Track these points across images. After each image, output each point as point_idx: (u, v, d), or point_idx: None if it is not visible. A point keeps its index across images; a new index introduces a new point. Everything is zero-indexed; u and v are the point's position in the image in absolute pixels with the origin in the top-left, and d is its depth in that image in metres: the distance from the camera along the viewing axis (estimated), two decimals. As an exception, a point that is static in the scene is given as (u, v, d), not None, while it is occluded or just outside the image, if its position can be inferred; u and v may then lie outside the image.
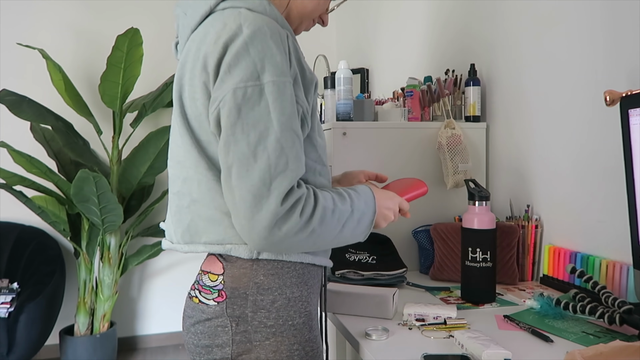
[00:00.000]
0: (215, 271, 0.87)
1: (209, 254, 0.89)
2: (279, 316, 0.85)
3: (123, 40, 2.51)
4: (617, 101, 0.98)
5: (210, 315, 0.86)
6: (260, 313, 0.84)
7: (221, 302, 0.85)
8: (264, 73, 0.78)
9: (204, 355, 0.87)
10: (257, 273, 0.85)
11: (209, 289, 0.87)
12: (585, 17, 1.32)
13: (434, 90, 1.76)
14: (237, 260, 0.85)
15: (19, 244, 2.83)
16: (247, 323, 0.84)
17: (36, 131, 2.75)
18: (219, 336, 0.85)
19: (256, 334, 0.84)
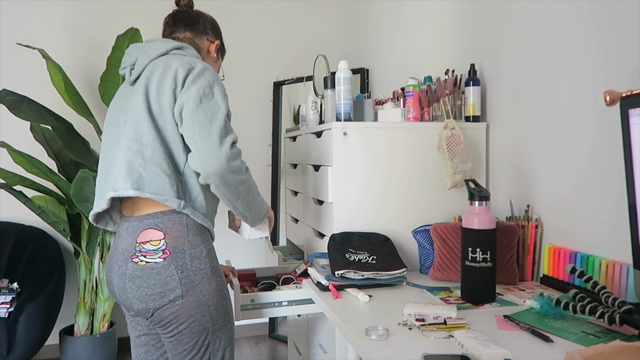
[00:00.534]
0: (155, 238, 1.22)
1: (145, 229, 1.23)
2: (207, 262, 1.25)
3: (123, 40, 2.52)
4: (617, 101, 0.98)
5: (159, 269, 1.20)
6: (196, 261, 1.23)
7: (167, 257, 1.21)
8: (214, 86, 1.26)
9: (159, 300, 1.20)
10: (189, 234, 1.24)
11: (153, 252, 1.21)
12: (585, 17, 1.32)
13: (434, 90, 1.76)
14: (172, 226, 1.22)
15: (19, 244, 2.83)
16: (188, 269, 1.22)
17: (36, 131, 2.75)
18: (169, 283, 1.20)
19: (196, 276, 1.22)
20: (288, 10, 3.38)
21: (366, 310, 1.20)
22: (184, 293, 1.20)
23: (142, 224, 1.23)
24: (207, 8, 3.25)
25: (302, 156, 2.03)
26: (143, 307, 1.22)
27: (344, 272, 1.36)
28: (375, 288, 1.38)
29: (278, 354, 3.09)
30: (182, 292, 1.20)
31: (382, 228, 1.63)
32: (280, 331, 3.32)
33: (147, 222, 1.23)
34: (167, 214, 1.23)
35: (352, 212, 1.62)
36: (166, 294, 1.20)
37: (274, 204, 3.29)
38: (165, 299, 1.20)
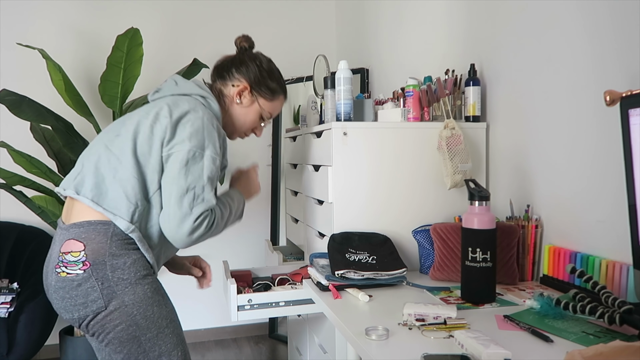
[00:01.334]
0: (76, 249, 1.22)
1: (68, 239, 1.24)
2: (130, 271, 1.23)
3: (123, 40, 2.51)
4: (617, 101, 0.98)
5: (80, 281, 1.21)
6: (117, 272, 1.22)
7: (87, 269, 1.21)
8: (207, 148, 1.29)
9: (82, 310, 1.21)
10: (111, 246, 1.23)
11: (73, 263, 1.22)
12: (585, 17, 1.32)
13: (434, 90, 1.76)
14: (95, 238, 1.23)
15: (19, 244, 2.83)
16: (109, 280, 1.21)
17: (36, 131, 2.75)
18: (90, 294, 1.21)
19: (117, 286, 1.22)
20: (288, 10, 3.38)
21: (366, 310, 1.20)
22: (107, 304, 1.21)
23: (68, 233, 1.25)
24: (207, 9, 3.22)
25: (302, 156, 2.03)
26: (69, 316, 1.24)
27: (344, 272, 1.36)
28: (375, 288, 1.38)
29: (278, 354, 3.09)
30: (104, 303, 1.21)
31: (382, 228, 1.63)
32: (280, 331, 3.32)
33: (72, 232, 1.24)
34: (93, 224, 1.24)
35: (352, 212, 1.62)
36: (89, 304, 1.21)
37: (274, 204, 3.29)
38: (89, 309, 1.21)
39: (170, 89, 1.41)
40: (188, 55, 3.01)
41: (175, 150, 1.26)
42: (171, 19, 3.19)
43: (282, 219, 3.16)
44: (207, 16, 3.23)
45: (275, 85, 1.53)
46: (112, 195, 1.25)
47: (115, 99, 2.67)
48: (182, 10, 3.20)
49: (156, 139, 1.27)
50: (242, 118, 1.51)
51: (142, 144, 1.27)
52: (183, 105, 1.31)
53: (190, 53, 3.05)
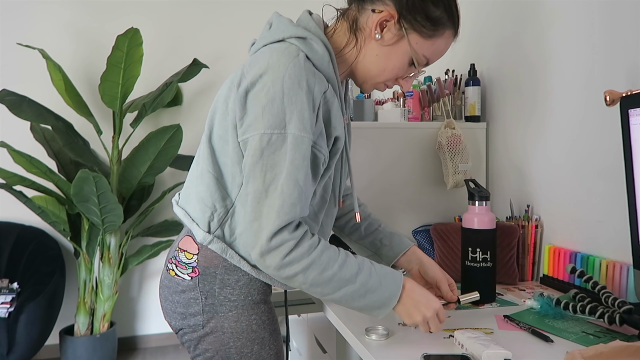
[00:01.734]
0: (191, 250, 1.02)
1: (187, 234, 1.04)
2: (241, 293, 1.02)
3: (123, 40, 2.51)
4: (617, 101, 0.98)
5: (184, 288, 1.02)
6: (226, 290, 1.01)
7: (194, 278, 1.01)
8: (290, 124, 0.89)
9: (179, 321, 1.04)
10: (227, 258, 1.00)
11: (184, 265, 1.02)
12: (585, 17, 1.32)
13: (434, 90, 1.76)
14: None
15: (19, 244, 2.83)
16: (214, 297, 1.01)
17: (36, 131, 2.75)
18: (192, 306, 1.02)
19: (221, 307, 1.01)
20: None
21: (366, 310, 1.20)
22: (205, 323, 1.01)
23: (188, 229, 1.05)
24: (207, 9, 3.22)
25: (302, 156, 2.02)
26: (168, 321, 1.08)
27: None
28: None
29: (278, 354, 3.09)
30: (202, 321, 1.01)
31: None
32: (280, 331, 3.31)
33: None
34: None
35: (352, 212, 1.62)
36: (187, 317, 1.03)
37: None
38: (186, 322, 1.03)
39: (264, 36, 1.01)
40: (188, 55, 3.01)
41: (249, 135, 0.91)
42: (171, 19, 3.19)
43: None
44: (207, 16, 3.23)
45: (441, 14, 0.99)
46: (193, 197, 1.02)
47: (115, 99, 2.67)
48: (182, 10, 3.20)
49: (230, 118, 0.94)
50: (382, 62, 1.00)
51: (219, 125, 0.97)
52: (259, 64, 0.92)
53: (190, 53, 3.05)
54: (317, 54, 0.95)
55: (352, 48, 1.02)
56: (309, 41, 0.96)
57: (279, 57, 0.91)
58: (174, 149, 2.70)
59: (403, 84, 1.06)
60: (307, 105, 0.90)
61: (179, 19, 3.20)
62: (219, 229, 0.99)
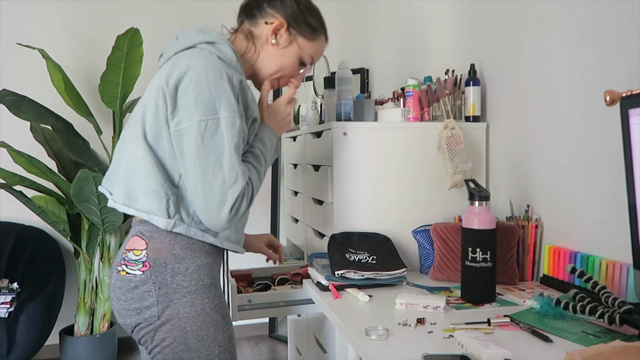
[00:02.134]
0: (138, 247, 1.10)
1: (133, 235, 1.13)
2: (192, 279, 1.10)
3: (123, 40, 2.51)
4: (617, 101, 0.98)
5: (137, 283, 1.09)
6: (178, 277, 1.09)
7: (146, 271, 1.08)
8: (220, 109, 1.05)
9: (135, 316, 1.09)
10: (174, 246, 1.10)
11: (134, 262, 1.10)
12: (585, 17, 1.32)
13: (434, 90, 1.76)
14: (158, 237, 1.10)
15: (19, 244, 2.83)
16: (167, 286, 1.08)
17: (36, 131, 2.75)
18: (146, 299, 1.08)
19: (175, 294, 1.08)
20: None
21: (366, 310, 1.20)
22: (160, 313, 1.08)
23: (135, 230, 1.14)
24: (207, 8, 3.23)
25: (302, 156, 2.03)
26: (122, 321, 1.13)
27: (344, 272, 1.36)
28: (376, 288, 1.38)
29: (278, 354, 3.09)
30: (158, 312, 1.08)
31: (382, 228, 1.63)
32: (280, 331, 3.32)
33: (137, 229, 1.13)
34: None
35: (352, 212, 1.62)
36: (143, 310, 1.08)
37: (274, 204, 3.29)
38: (142, 316, 1.09)
39: (172, 47, 1.16)
40: (188, 55, 3.00)
41: (184, 126, 1.05)
42: (171, 19, 3.19)
43: (282, 219, 3.16)
44: (207, 16, 3.23)
45: (316, 23, 1.28)
46: (141, 192, 1.10)
47: (115, 99, 2.67)
48: (182, 10, 3.21)
49: (161, 116, 1.08)
50: (279, 61, 1.25)
51: (151, 125, 1.09)
52: (181, 64, 1.07)
53: (190, 53, 3.04)
54: (226, 55, 1.14)
55: (252, 53, 1.24)
56: (217, 45, 1.14)
57: (198, 57, 1.08)
58: (173, 149, 2.70)
59: (294, 81, 1.31)
60: (231, 91, 1.06)
61: (179, 19, 3.20)
62: (177, 213, 1.10)
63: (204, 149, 1.04)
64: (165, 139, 1.08)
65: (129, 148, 1.12)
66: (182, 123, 1.05)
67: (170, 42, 1.19)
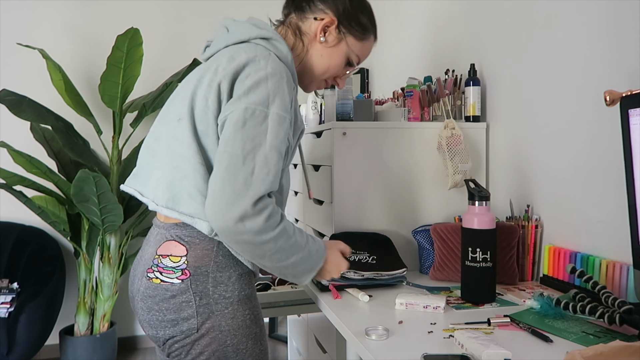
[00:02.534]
0: (177, 253, 1.02)
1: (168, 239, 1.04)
2: (234, 289, 1.03)
3: (123, 40, 2.51)
4: (617, 101, 0.98)
5: (174, 292, 1.00)
6: (220, 287, 1.02)
7: (185, 280, 1.00)
8: (273, 104, 0.98)
9: (170, 328, 1.01)
10: (217, 254, 1.03)
11: (171, 269, 1.01)
12: (585, 17, 1.32)
13: (434, 90, 1.76)
14: (199, 242, 1.02)
15: (19, 244, 2.83)
16: (208, 296, 1.01)
17: (36, 131, 2.75)
18: (184, 310, 1.00)
19: (217, 305, 1.01)
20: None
21: (366, 310, 1.20)
22: (200, 325, 1.00)
23: (168, 233, 1.04)
24: (207, 9, 3.22)
25: (302, 156, 2.03)
26: (153, 333, 1.04)
27: (345, 273, 1.36)
28: (375, 288, 1.38)
29: (278, 354, 3.09)
30: (197, 324, 1.00)
31: (382, 228, 1.63)
32: (280, 331, 3.32)
33: (173, 232, 1.04)
34: None
35: (352, 212, 1.62)
36: (179, 322, 1.01)
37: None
38: (178, 329, 1.01)
39: (222, 39, 1.10)
40: (188, 55, 3.01)
41: (229, 111, 0.98)
42: (171, 19, 3.19)
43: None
44: (207, 16, 3.23)
45: (367, 21, 1.21)
46: (186, 194, 1.01)
47: (115, 99, 2.68)
48: (182, 10, 3.21)
49: (210, 112, 1.01)
50: (326, 60, 1.17)
51: (200, 120, 1.02)
52: (239, 58, 1.01)
53: (190, 53, 3.05)
54: (282, 53, 1.07)
55: (300, 50, 1.16)
56: (273, 41, 1.08)
57: (256, 53, 1.01)
58: (174, 149, 2.70)
59: (339, 81, 1.24)
60: (288, 92, 1.01)
61: (179, 19, 3.20)
62: None
63: (241, 135, 0.95)
64: (211, 137, 1.01)
65: (169, 146, 1.04)
66: (228, 109, 0.98)
67: (219, 33, 1.12)
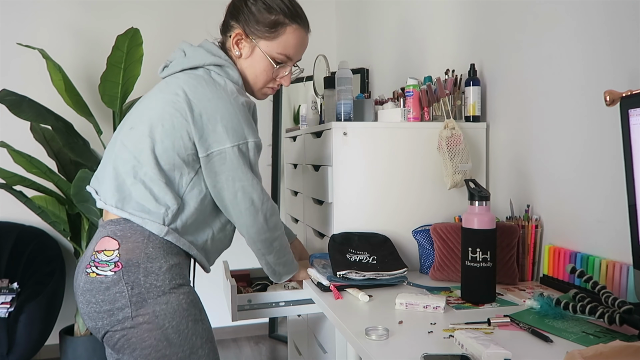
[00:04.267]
0: (110, 247, 1.09)
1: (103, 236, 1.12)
2: (165, 278, 1.10)
3: (123, 40, 2.51)
4: (617, 101, 0.98)
5: (108, 284, 1.07)
6: (151, 277, 1.08)
7: (118, 271, 1.07)
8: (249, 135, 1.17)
9: (107, 319, 1.07)
10: (147, 246, 1.10)
11: (105, 263, 1.08)
12: (585, 17, 1.32)
13: (434, 90, 1.76)
14: (131, 236, 1.10)
15: (19, 244, 2.83)
16: (140, 286, 1.07)
17: (36, 131, 2.75)
18: (118, 300, 1.06)
19: (149, 293, 1.07)
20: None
21: (366, 310, 1.20)
22: (134, 313, 1.06)
23: (104, 230, 1.13)
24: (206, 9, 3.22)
25: (302, 156, 2.03)
26: (93, 325, 1.10)
27: (346, 273, 1.36)
28: (376, 288, 1.38)
29: (278, 354, 3.09)
30: (131, 312, 1.06)
31: (382, 228, 1.63)
32: (280, 331, 3.32)
33: (108, 229, 1.13)
34: (130, 222, 1.12)
35: (352, 212, 1.62)
36: (115, 312, 1.07)
37: (274, 204, 3.29)
38: (114, 318, 1.07)
39: (179, 62, 1.20)
40: (188, 55, 3.00)
41: (216, 149, 1.15)
42: (171, 19, 3.19)
43: (282, 219, 3.15)
44: (207, 16, 3.23)
45: (277, 16, 1.22)
46: (136, 197, 1.12)
47: (115, 99, 2.67)
48: (182, 10, 3.21)
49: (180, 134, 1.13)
50: (251, 71, 1.26)
51: (163, 139, 1.13)
52: (202, 91, 1.13)
53: (190, 53, 3.04)
54: (233, 78, 1.21)
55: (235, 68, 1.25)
56: (225, 68, 1.20)
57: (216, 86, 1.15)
58: (174, 149, 2.70)
59: (282, 81, 1.31)
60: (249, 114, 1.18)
61: (179, 19, 3.20)
62: (173, 222, 1.13)
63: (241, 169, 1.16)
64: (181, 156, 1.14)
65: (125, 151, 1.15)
66: (213, 147, 1.14)
67: (177, 55, 1.22)
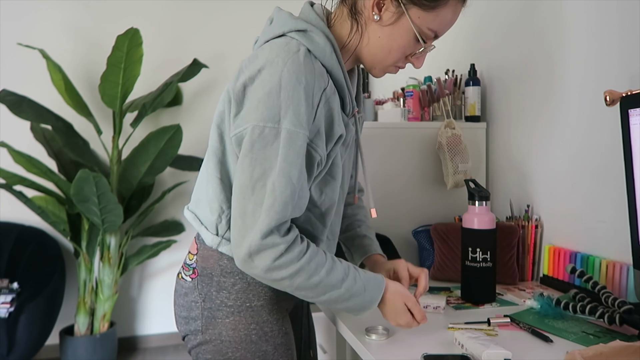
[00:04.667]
0: (192, 251, 1.00)
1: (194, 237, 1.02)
2: (238, 297, 0.95)
3: (123, 40, 2.51)
4: (617, 101, 0.98)
5: (187, 290, 0.99)
6: (223, 293, 0.95)
7: (194, 279, 0.98)
8: (285, 118, 0.84)
9: (184, 325, 0.99)
10: (222, 257, 0.96)
11: (187, 267, 1.00)
12: (585, 17, 1.32)
13: (434, 90, 1.76)
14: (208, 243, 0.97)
15: (19, 244, 2.83)
16: (211, 301, 0.96)
17: (36, 131, 2.75)
18: (193, 310, 0.97)
19: (218, 312, 0.95)
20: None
21: (366, 310, 1.20)
22: (204, 329, 0.96)
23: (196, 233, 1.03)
24: (207, 9, 3.22)
25: (302, 156, 2.02)
26: (178, 327, 1.03)
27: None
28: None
29: (278, 354, 3.09)
30: (201, 326, 0.96)
31: (382, 228, 1.63)
32: (280, 331, 3.31)
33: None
34: None
35: (352, 212, 1.62)
36: (189, 321, 0.98)
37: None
38: (189, 327, 0.98)
39: (266, 32, 0.96)
40: (188, 55, 3.01)
41: (242, 127, 0.87)
42: (171, 19, 3.19)
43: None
44: (207, 16, 3.23)
45: None
46: (203, 200, 0.98)
47: (115, 99, 2.67)
48: (182, 10, 3.20)
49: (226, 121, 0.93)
50: (386, 42, 0.94)
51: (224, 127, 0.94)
52: (258, 60, 0.88)
53: (190, 53, 3.05)
54: (318, 46, 0.90)
55: (354, 34, 0.95)
56: (309, 33, 0.91)
57: (278, 53, 0.86)
58: (173, 149, 2.71)
59: (414, 61, 0.98)
60: (305, 100, 0.85)
61: (179, 19, 3.20)
62: (228, 230, 0.94)
63: (249, 159, 0.85)
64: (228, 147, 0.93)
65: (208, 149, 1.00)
66: (240, 125, 0.88)
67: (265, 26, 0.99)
